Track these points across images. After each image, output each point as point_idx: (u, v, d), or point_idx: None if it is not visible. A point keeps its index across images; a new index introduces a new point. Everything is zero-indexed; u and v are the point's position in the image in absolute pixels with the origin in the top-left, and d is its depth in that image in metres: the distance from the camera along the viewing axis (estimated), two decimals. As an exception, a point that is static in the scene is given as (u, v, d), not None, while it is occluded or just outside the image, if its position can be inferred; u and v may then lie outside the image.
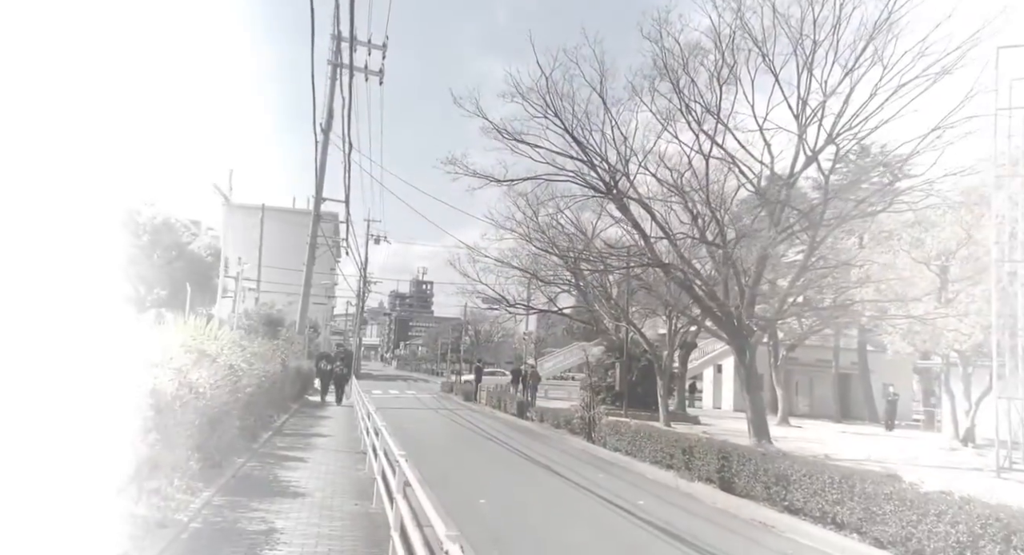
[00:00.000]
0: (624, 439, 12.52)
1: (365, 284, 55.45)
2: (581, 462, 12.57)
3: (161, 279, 38.31)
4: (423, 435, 16.63)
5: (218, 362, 8.16)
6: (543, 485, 10.18)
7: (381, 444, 7.64)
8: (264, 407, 13.10)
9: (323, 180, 27.80)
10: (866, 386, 34.09)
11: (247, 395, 10.10)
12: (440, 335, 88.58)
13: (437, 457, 12.96)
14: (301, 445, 12.63)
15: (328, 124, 27.61)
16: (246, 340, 14.65)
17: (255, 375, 10.79)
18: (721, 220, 14.97)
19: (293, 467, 9.96)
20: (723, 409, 36.54)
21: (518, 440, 15.89)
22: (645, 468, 11.29)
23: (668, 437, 10.86)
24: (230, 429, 9.72)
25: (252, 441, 11.68)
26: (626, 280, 22.34)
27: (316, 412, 20.77)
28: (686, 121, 15.41)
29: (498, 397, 23.90)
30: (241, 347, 11.95)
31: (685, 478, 9.92)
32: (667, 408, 20.49)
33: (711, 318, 16.23)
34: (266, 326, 28.85)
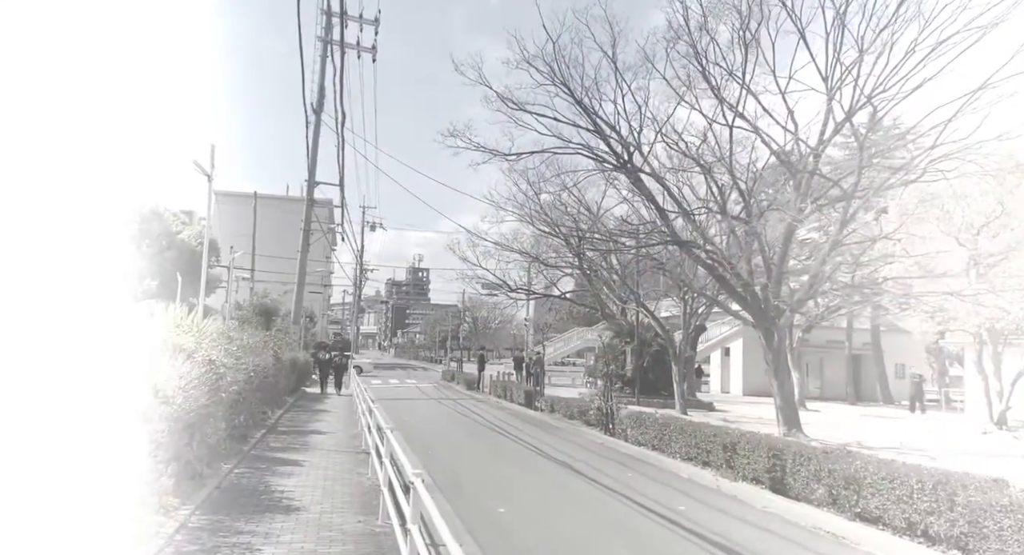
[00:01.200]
0: (649, 432, 11.48)
1: (362, 271, 54.25)
2: (602, 458, 11.53)
3: (151, 270, 36.98)
4: (427, 429, 15.59)
5: (196, 358, 7.05)
6: (567, 487, 9.13)
7: (387, 450, 6.56)
8: (256, 404, 12.03)
9: (316, 163, 26.58)
10: (880, 367, 33.17)
11: (233, 393, 9.01)
12: (438, 323, 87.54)
13: (445, 454, 11.92)
14: (297, 445, 11.57)
15: (320, 103, 26.34)
16: (236, 331, 13.55)
17: (243, 370, 9.69)
18: (747, 192, 13.83)
19: (287, 473, 8.89)
20: (731, 393, 35.65)
21: (530, 433, 14.86)
22: (677, 465, 10.25)
23: (703, 431, 9.81)
24: (215, 432, 8.64)
25: (242, 442, 10.61)
26: (636, 260, 21.25)
27: (314, 405, 19.73)
28: (708, 86, 14.22)
29: (503, 386, 22.85)
30: (228, 339, 10.85)
31: (727, 477, 8.88)
32: (683, 395, 19.48)
33: (735, 299, 15.17)
34: (260, 316, 27.73)
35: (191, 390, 6.55)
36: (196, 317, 9.88)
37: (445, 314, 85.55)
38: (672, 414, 15.32)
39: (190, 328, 9.18)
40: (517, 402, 20.54)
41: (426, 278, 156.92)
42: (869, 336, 33.85)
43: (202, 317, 11.62)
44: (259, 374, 11.31)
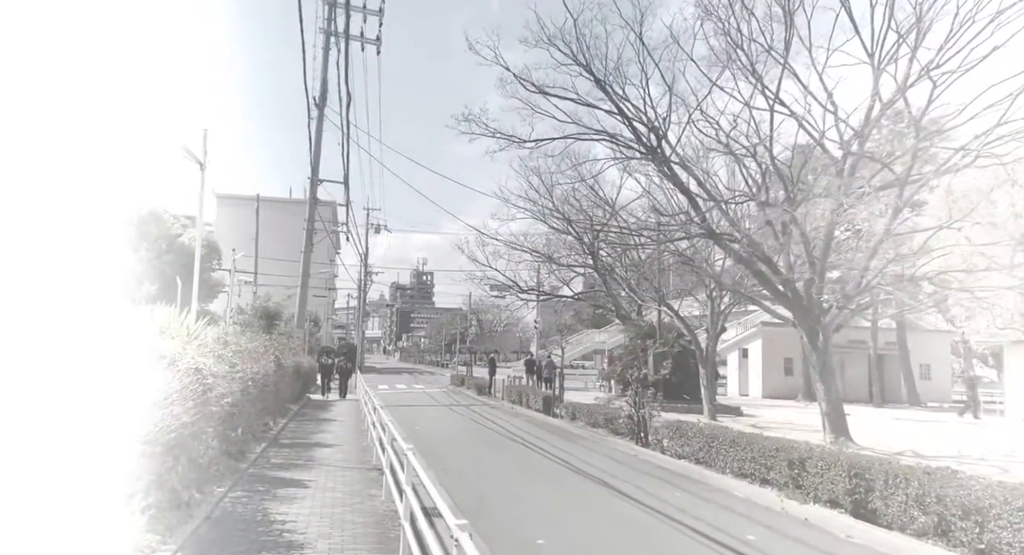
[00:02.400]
0: (692, 444, 10.30)
1: (367, 274, 53.20)
2: (640, 474, 10.36)
3: (150, 273, 35.95)
4: (442, 439, 14.44)
5: (178, 367, 5.92)
6: (611, 511, 7.96)
7: (408, 478, 5.42)
8: (255, 415, 10.90)
9: (319, 158, 25.48)
10: (906, 367, 31.90)
11: (227, 405, 7.88)
12: (444, 326, 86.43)
13: (464, 469, 10.76)
14: (301, 461, 10.43)
15: (323, 96, 25.26)
16: (233, 336, 12.43)
17: (238, 379, 8.56)
18: (791, 178, 12.67)
19: (290, 496, 7.74)
20: (750, 396, 34.44)
21: (553, 443, 13.69)
22: (728, 482, 9.08)
23: (761, 443, 8.63)
24: (206, 451, 7.52)
25: (239, 459, 9.48)
26: (658, 256, 20.08)
27: (319, 413, 18.60)
28: (742, 65, 13.08)
29: (518, 391, 21.68)
30: (224, 344, 9.73)
31: (794, 499, 7.70)
32: (712, 399, 18.31)
33: (775, 296, 14.00)
34: (262, 320, 26.63)
35: (172, 406, 5.42)
36: (186, 320, 8.76)
37: (451, 317, 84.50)
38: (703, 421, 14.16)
39: (177, 332, 8.07)
40: (534, 408, 19.37)
41: (430, 282, 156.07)
42: (891, 335, 32.63)
43: (195, 319, 10.52)
44: (258, 382, 10.18)
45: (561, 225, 27.00)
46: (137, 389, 5.12)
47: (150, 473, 5.46)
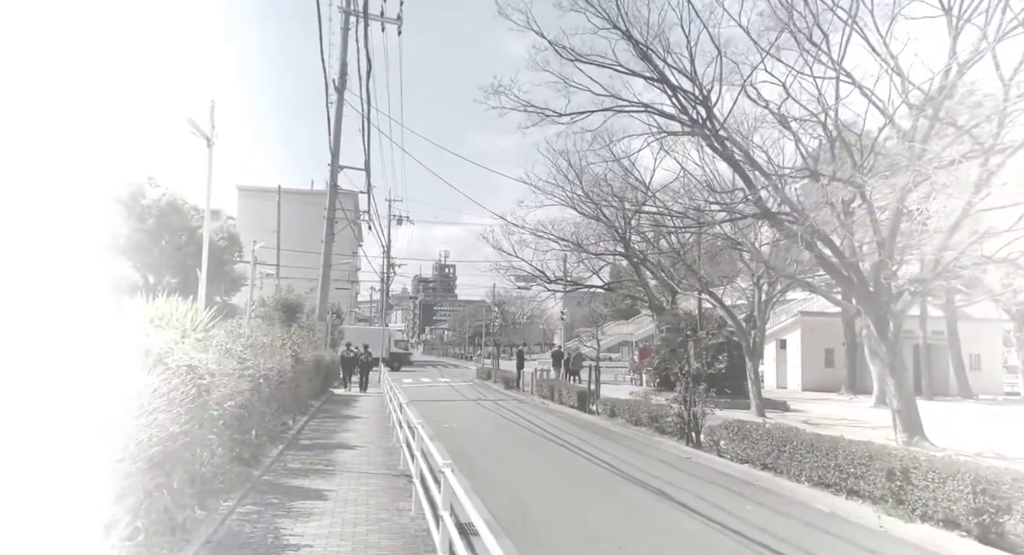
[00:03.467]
0: (758, 447, 9.12)
1: (389, 265, 52.44)
2: (700, 481, 9.22)
3: (171, 266, 35.53)
4: (473, 437, 13.42)
5: (168, 365, 4.91)
6: (678, 529, 6.84)
7: (445, 499, 4.37)
8: (270, 415, 9.95)
9: (339, 144, 24.54)
10: (956, 357, 30.20)
11: (233, 407, 6.89)
12: (467, 318, 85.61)
13: (500, 474, 9.71)
14: (321, 465, 9.46)
15: (342, 80, 24.27)
16: (248, 328, 11.50)
17: (249, 377, 7.58)
18: (860, 149, 11.37)
19: (306, 512, 6.74)
20: (788, 389, 32.95)
21: (594, 444, 12.59)
22: (806, 493, 7.91)
23: (848, 449, 7.45)
24: (211, 459, 6.55)
25: (252, 465, 8.52)
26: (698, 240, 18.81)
27: (342, 410, 17.70)
28: (799, 28, 11.78)
29: (550, 386, 20.58)
30: (234, 337, 8.77)
31: (897, 516, 6.51)
32: (759, 394, 17.06)
33: (839, 281, 12.73)
34: (283, 312, 25.82)
35: (155, 413, 4.42)
36: (189, 311, 7.79)
37: (474, 310, 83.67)
38: (755, 418, 12.98)
39: (179, 324, 7.10)
40: (568, 404, 18.28)
41: (453, 274, 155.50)
42: (938, 324, 30.91)
43: (204, 308, 9.58)
44: (272, 379, 9.22)
45: (591, 211, 25.86)
46: (111, 395, 4.12)
47: (134, 495, 4.48)
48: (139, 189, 33.16)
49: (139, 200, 33.08)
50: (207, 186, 9.65)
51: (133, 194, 33.09)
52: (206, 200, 9.44)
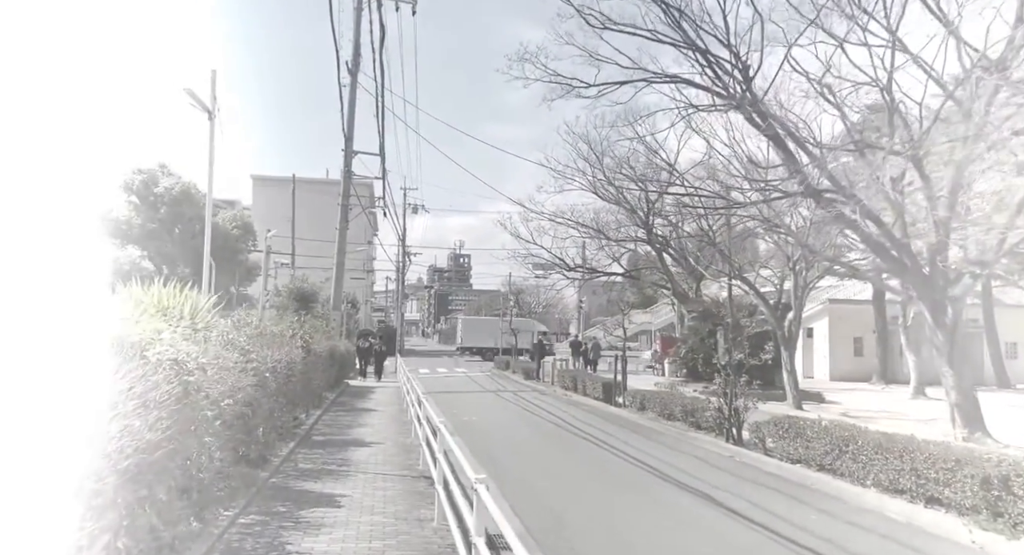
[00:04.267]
0: (814, 446, 8.26)
1: (405, 254, 51.83)
2: (750, 483, 8.39)
3: (184, 255, 35.10)
4: (495, 433, 12.68)
5: (148, 359, 4.16)
6: (735, 543, 6.03)
7: (480, 523, 3.59)
8: (279, 409, 9.24)
9: (353, 129, 23.78)
10: (994, 346, 29.02)
11: (236, 403, 6.15)
12: (482, 308, 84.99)
13: (527, 474, 8.94)
14: (334, 465, 8.75)
15: (355, 62, 23.45)
16: (256, 317, 10.80)
17: (252, 370, 6.84)
18: (932, 117, 10.38)
19: (316, 523, 6.01)
20: (816, 379, 31.91)
21: (625, 440, 11.79)
22: (875, 500, 7.06)
23: (927, 451, 6.58)
24: (209, 464, 5.82)
25: (260, 466, 7.81)
26: (727, 223, 17.86)
27: (357, 402, 17.04)
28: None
29: (572, 377, 19.77)
30: (239, 327, 8.05)
31: (996, 532, 5.65)
32: (796, 385, 16.15)
33: (889, 265, 11.78)
34: (297, 301, 25.20)
35: (131, 418, 3.67)
36: (186, 296, 7.06)
37: (490, 299, 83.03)
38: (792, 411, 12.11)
39: (170, 311, 6.37)
40: (592, 396, 17.47)
41: (468, 264, 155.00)
42: (972, 312, 29.72)
43: (207, 288, 8.90)
44: (280, 372, 8.49)
45: (613, 195, 24.97)
46: (71, 398, 3.37)
47: (108, 515, 3.75)
48: (152, 177, 32.66)
49: (151, 188, 32.60)
50: (209, 163, 8.89)
51: (145, 182, 32.63)
52: (208, 178, 8.69)
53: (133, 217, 32.67)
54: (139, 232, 32.77)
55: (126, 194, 32.59)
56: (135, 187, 32.44)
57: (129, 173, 32.33)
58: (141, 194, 32.75)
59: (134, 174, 32.34)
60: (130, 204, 32.75)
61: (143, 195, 32.83)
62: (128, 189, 32.44)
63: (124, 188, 32.41)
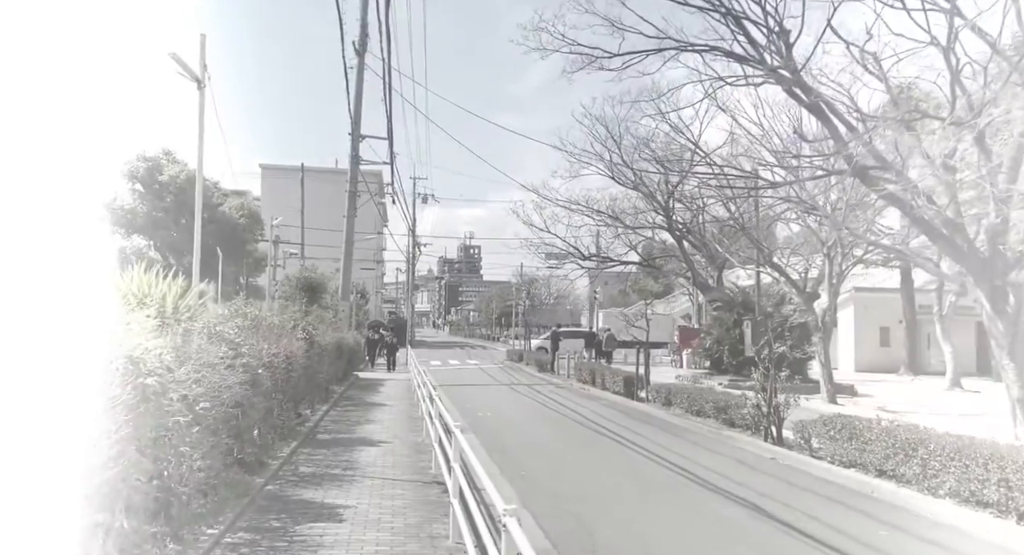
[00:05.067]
0: (871, 449, 7.37)
1: (415, 245, 51.08)
2: (799, 490, 7.53)
3: (191, 245, 34.37)
4: (512, 430, 11.87)
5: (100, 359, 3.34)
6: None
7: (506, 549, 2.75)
8: (278, 408, 8.46)
9: (360, 112, 22.89)
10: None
11: (222, 404, 5.35)
12: (493, 299, 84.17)
13: (550, 477, 8.12)
14: (338, 468, 7.96)
15: (362, 42, 22.56)
16: (253, 308, 10.01)
17: (242, 366, 6.03)
18: (1004, 77, 9.38)
19: (314, 542, 5.22)
20: (840, 370, 30.75)
21: (652, 438, 10.95)
22: (952, 513, 6.17)
23: (1018, 460, 5.69)
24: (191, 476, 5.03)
25: (256, 471, 7.02)
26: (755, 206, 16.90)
27: (366, 396, 16.30)
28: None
29: (590, 370, 18.93)
30: (227, 317, 7.26)
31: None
32: (831, 378, 15.23)
33: (944, 247, 10.82)
34: (304, 292, 24.45)
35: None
36: (168, 284, 6.25)
37: (501, 290, 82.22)
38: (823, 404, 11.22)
39: (148, 301, 5.57)
40: (612, 390, 16.62)
41: (478, 255, 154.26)
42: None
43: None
44: (279, 367, 7.69)
45: (631, 179, 24.05)
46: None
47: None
48: (156, 165, 31.96)
49: (156, 176, 31.89)
50: (199, 135, 8.07)
51: (150, 170, 31.94)
52: (198, 152, 7.86)
53: (138, 206, 32.01)
54: (144, 221, 32.12)
55: (130, 182, 31.92)
56: (140, 175, 31.76)
57: (134, 161, 31.67)
58: (146, 182, 32.07)
59: (139, 162, 31.65)
60: (135, 192, 32.08)
61: (148, 183, 32.15)
62: (133, 177, 31.76)
63: (129, 176, 31.74)
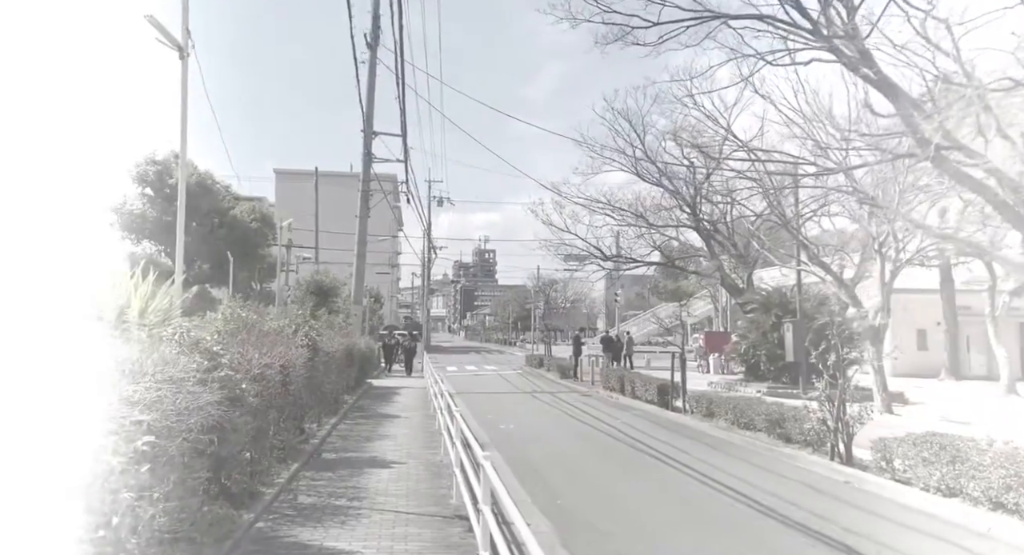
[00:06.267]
0: (984, 476, 6.09)
1: (430, 248, 50.09)
2: (899, 527, 6.27)
3: (203, 251, 33.60)
4: (539, 445, 10.68)
5: None
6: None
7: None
8: (279, 424, 7.35)
9: (372, 108, 21.87)
10: None
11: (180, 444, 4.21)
12: (509, 303, 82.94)
13: (594, 510, 6.91)
14: (344, 497, 6.80)
15: (374, 35, 21.55)
16: (248, 310, 8.92)
17: (220, 381, 4.90)
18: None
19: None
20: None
21: (700, 457, 9.70)
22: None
23: None
24: (151, 522, 3.90)
25: (246, 503, 5.89)
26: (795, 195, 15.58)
27: (379, 406, 15.18)
28: None
29: (619, 377, 17.65)
30: (207, 323, 6.16)
31: None
32: (886, 386, 13.89)
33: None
34: (315, 296, 23.50)
35: None
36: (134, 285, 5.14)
37: (517, 294, 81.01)
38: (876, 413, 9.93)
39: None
40: (644, 399, 15.35)
41: (493, 259, 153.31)
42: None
43: (181, 266, 7.13)
44: (273, 379, 6.56)
45: (655, 174, 22.92)
46: None
47: None
48: (166, 168, 31.10)
49: (166, 180, 31.04)
50: (181, 113, 6.99)
51: (159, 174, 31.10)
52: (181, 131, 6.76)
53: (148, 210, 31.19)
54: (154, 226, 31.28)
55: (140, 186, 31.11)
56: (149, 179, 30.92)
57: (143, 164, 30.87)
58: (155, 186, 31.24)
59: (148, 165, 30.82)
60: (144, 197, 31.27)
61: (158, 187, 31.31)
62: (142, 181, 30.94)
63: (138, 180, 30.92)
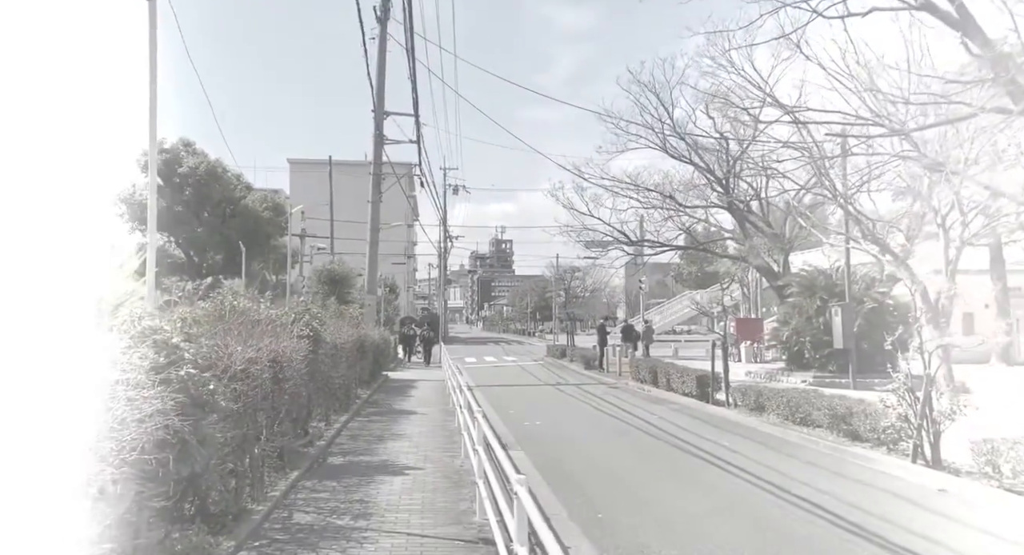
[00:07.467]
0: None
1: (447, 236, 49.06)
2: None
3: (214, 241, 32.86)
4: (570, 445, 9.56)
5: None
6: None
7: None
8: (273, 427, 6.29)
9: (383, 88, 20.76)
10: None
11: (122, 478, 3.14)
12: (527, 293, 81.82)
13: (641, 524, 5.79)
14: (348, 514, 5.74)
15: (384, 9, 20.40)
16: (248, 299, 7.88)
17: (178, 383, 3.83)
18: None
19: None
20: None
21: (758, 458, 8.53)
22: None
23: None
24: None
25: (227, 525, 4.84)
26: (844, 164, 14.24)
27: (394, 401, 14.17)
28: None
29: (651, 368, 16.44)
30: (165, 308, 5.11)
31: None
32: (951, 375, 12.58)
33: None
34: (327, 285, 22.54)
35: None
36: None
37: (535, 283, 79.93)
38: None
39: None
40: (681, 391, 14.16)
41: (509, 249, 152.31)
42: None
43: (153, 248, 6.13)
44: (260, 377, 5.49)
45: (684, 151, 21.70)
46: None
47: None
48: (175, 156, 30.33)
49: (175, 169, 30.25)
50: (150, 59, 5.93)
51: (168, 162, 30.29)
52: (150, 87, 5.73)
53: (157, 200, 30.53)
54: (164, 216, 30.51)
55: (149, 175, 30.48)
56: (158, 168, 30.25)
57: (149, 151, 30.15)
58: (164, 175, 30.41)
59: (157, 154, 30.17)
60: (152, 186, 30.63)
61: (167, 176, 30.49)
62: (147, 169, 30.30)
63: (146, 168, 30.27)
